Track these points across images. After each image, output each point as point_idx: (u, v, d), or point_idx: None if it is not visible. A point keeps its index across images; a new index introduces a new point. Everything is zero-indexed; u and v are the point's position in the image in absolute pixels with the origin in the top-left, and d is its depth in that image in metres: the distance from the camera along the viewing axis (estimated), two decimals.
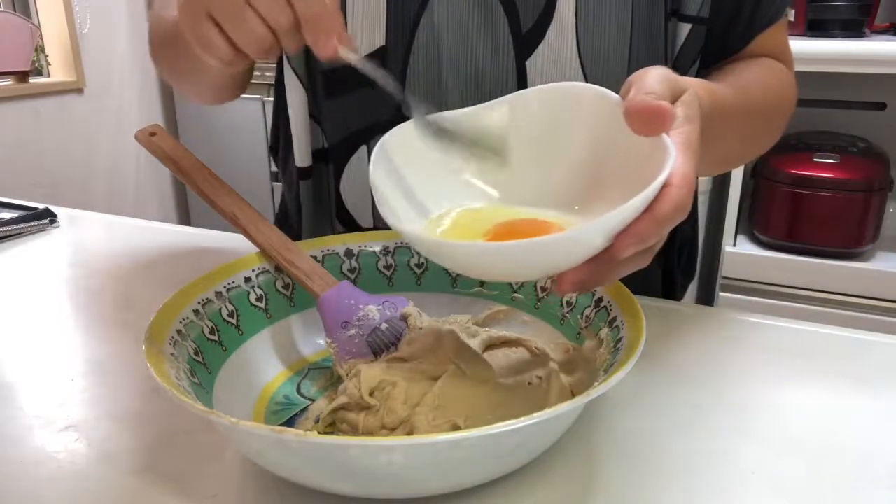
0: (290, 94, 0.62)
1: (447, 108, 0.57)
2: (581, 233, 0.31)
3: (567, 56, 0.55)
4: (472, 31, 0.55)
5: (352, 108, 0.61)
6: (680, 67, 0.60)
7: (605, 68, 0.56)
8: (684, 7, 0.57)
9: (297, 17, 0.37)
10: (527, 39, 0.55)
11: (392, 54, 0.57)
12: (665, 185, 0.31)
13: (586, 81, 0.56)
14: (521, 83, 0.56)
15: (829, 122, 1.62)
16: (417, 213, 0.41)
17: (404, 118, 0.58)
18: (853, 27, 1.51)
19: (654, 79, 0.36)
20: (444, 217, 0.41)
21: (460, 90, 0.57)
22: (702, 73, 0.62)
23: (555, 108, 0.41)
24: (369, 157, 0.60)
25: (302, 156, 0.65)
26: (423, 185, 0.41)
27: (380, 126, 0.59)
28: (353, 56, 0.39)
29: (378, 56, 0.57)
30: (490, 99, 0.49)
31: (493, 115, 0.42)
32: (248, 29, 0.38)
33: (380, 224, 0.62)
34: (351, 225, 0.64)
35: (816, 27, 1.53)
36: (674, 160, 0.32)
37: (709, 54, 0.61)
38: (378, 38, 0.56)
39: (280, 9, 0.37)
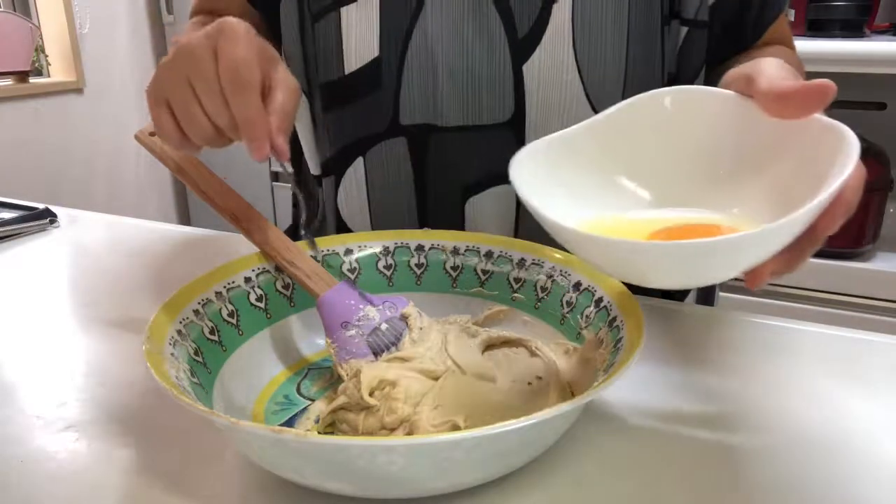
0: (297, 118, 0.62)
1: (443, 117, 0.57)
2: (796, 217, 0.29)
3: (564, 60, 0.55)
4: (466, 37, 0.55)
5: (348, 121, 0.61)
6: (683, 71, 0.60)
7: (602, 72, 0.56)
8: (683, 11, 0.57)
9: (234, 118, 0.39)
10: (523, 44, 0.55)
11: (386, 65, 0.57)
12: None
13: (583, 85, 0.56)
14: (519, 88, 0.56)
15: None
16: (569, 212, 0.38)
17: (399, 129, 0.58)
18: (853, 27, 1.51)
19: (775, 66, 0.36)
20: (601, 220, 0.39)
21: (457, 97, 0.57)
22: (710, 71, 0.62)
23: (679, 111, 0.40)
24: (366, 169, 0.60)
25: (314, 165, 0.65)
26: (574, 183, 0.39)
27: (375, 137, 0.60)
28: (282, 166, 0.42)
29: (373, 67, 0.57)
30: (486, 104, 0.49)
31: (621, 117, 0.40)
32: (195, 122, 0.41)
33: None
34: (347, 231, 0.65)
35: (816, 27, 1.53)
36: (851, 135, 0.32)
37: (718, 52, 0.61)
38: (372, 50, 0.57)
39: (221, 109, 0.40)
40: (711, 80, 0.61)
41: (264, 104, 0.40)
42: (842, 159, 0.30)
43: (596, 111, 0.54)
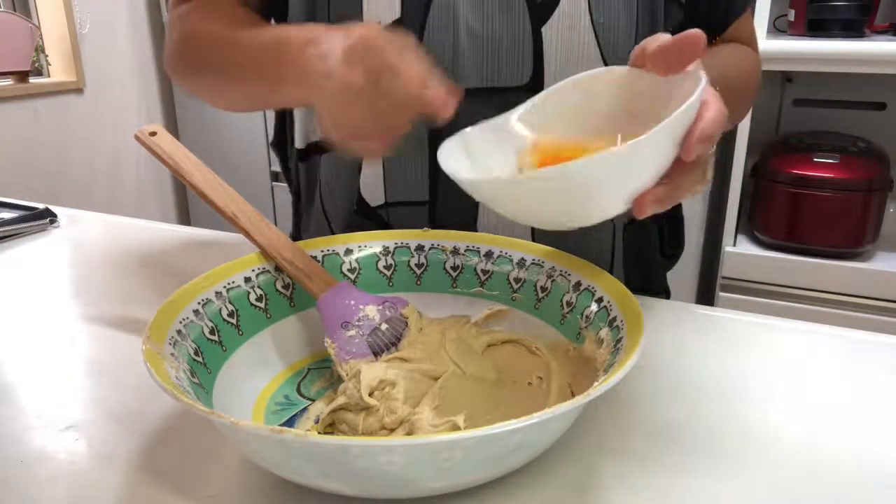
0: None
1: (462, 79, 0.57)
2: (653, 135, 0.34)
3: (581, 24, 0.56)
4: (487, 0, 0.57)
5: None
6: None
7: (616, 38, 0.57)
8: None
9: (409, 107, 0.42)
10: (541, 7, 0.56)
11: (408, 25, 0.57)
12: (703, 101, 0.37)
13: (599, 49, 0.58)
14: (537, 51, 0.56)
15: (829, 122, 1.62)
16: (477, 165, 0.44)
17: None
18: (853, 27, 1.51)
19: (665, 36, 0.40)
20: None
21: (476, 59, 0.57)
22: None
23: (584, 92, 0.45)
24: None
25: (300, 138, 0.66)
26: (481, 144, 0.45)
27: None
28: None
29: (394, 27, 0.57)
30: (505, 67, 0.55)
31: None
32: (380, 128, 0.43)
33: (391, 199, 0.63)
34: (362, 203, 0.65)
35: (816, 27, 1.53)
36: (703, 73, 0.37)
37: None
38: (394, 11, 0.57)
39: (394, 112, 0.42)
40: None
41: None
42: (689, 94, 0.35)
43: None
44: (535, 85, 0.57)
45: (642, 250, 0.67)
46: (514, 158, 0.45)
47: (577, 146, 0.43)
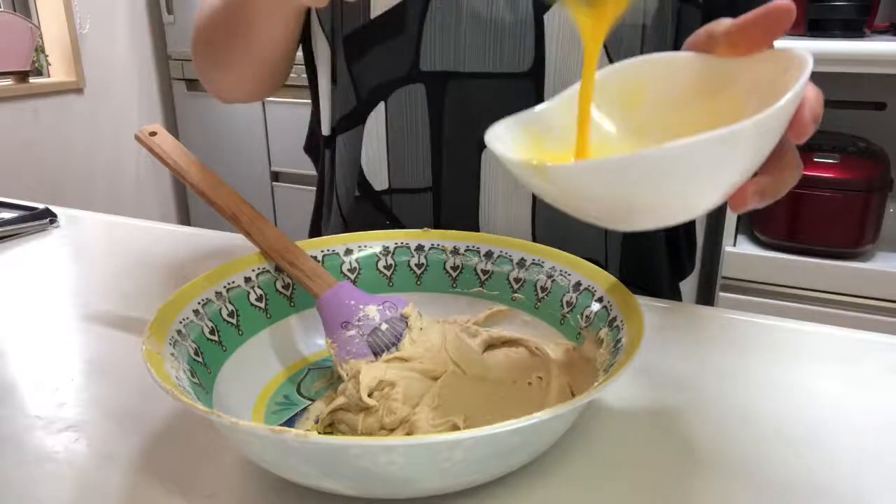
0: (320, 66, 0.64)
1: (463, 63, 0.57)
2: (775, 111, 0.28)
3: None
4: None
5: (370, 69, 0.62)
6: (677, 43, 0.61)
7: (620, 29, 0.56)
8: None
9: None
10: None
11: (411, 8, 0.57)
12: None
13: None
14: (539, 38, 0.56)
15: (829, 122, 1.62)
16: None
17: (419, 75, 0.59)
18: (853, 27, 1.51)
19: (728, 19, 0.36)
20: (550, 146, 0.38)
21: (478, 43, 0.57)
22: None
23: (650, 77, 0.39)
24: (387, 115, 0.61)
25: (326, 124, 0.67)
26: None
27: (396, 82, 0.60)
28: None
29: (398, 11, 0.58)
30: (507, 53, 0.51)
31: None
32: None
33: (394, 184, 0.63)
34: (366, 187, 0.65)
35: (816, 27, 1.53)
36: (803, 52, 0.32)
37: None
38: None
39: None
40: None
41: None
42: (796, 73, 0.30)
43: None
44: (535, 72, 0.57)
45: (645, 257, 0.66)
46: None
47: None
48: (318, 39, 0.64)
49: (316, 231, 0.75)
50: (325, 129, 0.68)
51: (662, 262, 0.69)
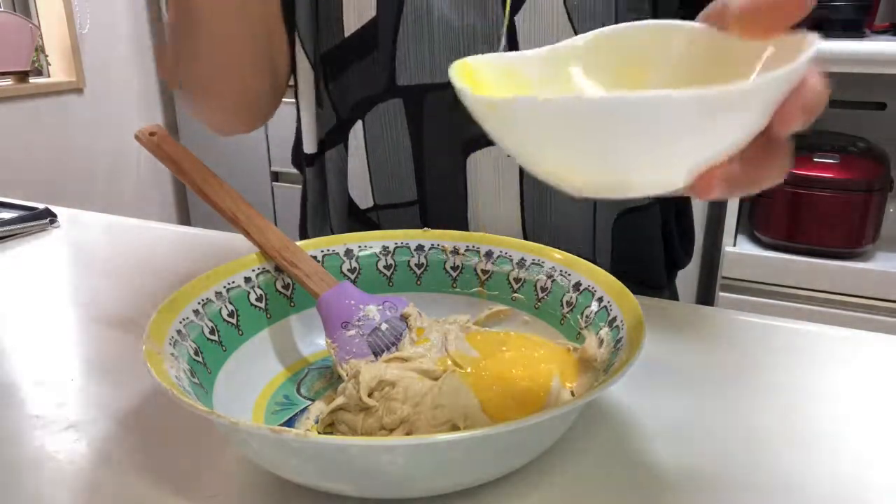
0: (301, 83, 0.64)
1: (441, 74, 0.57)
2: (759, 84, 0.25)
3: (554, 9, 0.55)
4: None
5: (347, 87, 0.62)
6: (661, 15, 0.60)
7: (592, 23, 0.55)
8: None
9: None
10: None
11: (382, 22, 0.57)
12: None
13: (575, 34, 0.55)
14: (512, 39, 0.56)
15: (829, 122, 1.62)
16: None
17: (396, 90, 0.59)
18: (853, 27, 1.51)
19: None
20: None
21: (451, 49, 0.57)
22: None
23: (650, 43, 0.35)
24: (365, 134, 0.61)
25: (310, 143, 0.66)
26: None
27: (373, 99, 0.60)
28: None
29: (370, 28, 0.58)
30: None
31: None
32: None
33: (379, 201, 0.63)
34: (352, 206, 0.65)
35: (816, 27, 1.53)
36: (813, 36, 0.29)
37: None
38: (370, 10, 0.57)
39: None
40: None
41: None
42: (798, 53, 0.27)
43: None
44: None
45: (639, 246, 0.66)
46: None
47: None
48: (301, 60, 0.64)
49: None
50: (310, 148, 0.67)
51: (657, 256, 0.68)
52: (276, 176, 2.70)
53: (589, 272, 0.47)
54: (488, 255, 0.51)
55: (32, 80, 2.45)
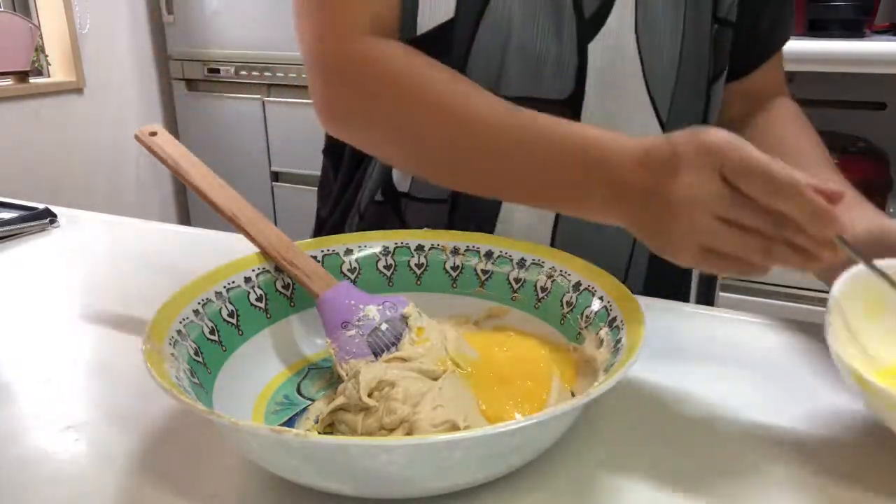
0: None
1: (506, 84, 0.57)
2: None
3: (626, 42, 0.57)
4: (538, 10, 0.56)
5: None
6: (714, 68, 0.63)
7: (660, 57, 0.58)
8: (718, 10, 0.60)
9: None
10: (589, 23, 0.56)
11: (460, 28, 0.57)
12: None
13: (642, 68, 0.57)
14: (582, 66, 0.57)
15: (829, 122, 1.62)
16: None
17: None
18: (853, 27, 1.51)
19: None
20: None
21: (522, 67, 0.57)
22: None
23: None
24: None
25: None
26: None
27: None
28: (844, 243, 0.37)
29: (446, 29, 0.57)
30: (548, 80, 0.53)
31: None
32: (769, 253, 0.38)
33: (413, 192, 0.63)
34: (390, 188, 0.65)
35: (816, 27, 1.53)
36: None
37: (734, 59, 0.64)
38: (448, 11, 0.56)
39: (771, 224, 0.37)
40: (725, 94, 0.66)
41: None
42: None
43: (652, 96, 0.58)
44: (573, 100, 0.57)
45: (671, 272, 0.65)
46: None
47: None
48: None
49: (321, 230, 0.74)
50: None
51: (688, 271, 0.68)
52: (276, 176, 2.70)
53: (589, 272, 0.47)
54: (488, 255, 0.51)
55: (32, 80, 2.45)
